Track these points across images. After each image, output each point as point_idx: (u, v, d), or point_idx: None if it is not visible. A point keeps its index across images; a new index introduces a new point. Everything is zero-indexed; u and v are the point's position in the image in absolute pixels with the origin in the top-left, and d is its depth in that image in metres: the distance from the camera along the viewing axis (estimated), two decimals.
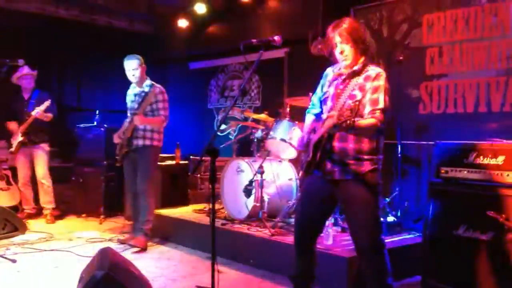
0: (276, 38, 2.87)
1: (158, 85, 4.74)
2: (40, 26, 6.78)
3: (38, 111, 5.52)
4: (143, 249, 4.56)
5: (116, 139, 4.76)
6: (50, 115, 5.68)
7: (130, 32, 7.76)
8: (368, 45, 2.85)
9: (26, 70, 5.74)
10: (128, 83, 4.83)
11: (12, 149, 5.69)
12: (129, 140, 4.64)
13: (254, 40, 2.90)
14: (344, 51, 2.71)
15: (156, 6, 7.65)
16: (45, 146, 5.81)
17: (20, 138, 5.64)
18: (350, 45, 2.70)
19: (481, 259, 3.20)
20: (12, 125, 5.73)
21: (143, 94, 4.68)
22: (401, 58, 4.56)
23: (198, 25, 7.33)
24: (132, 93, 4.83)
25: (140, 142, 4.65)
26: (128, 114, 4.82)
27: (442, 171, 3.49)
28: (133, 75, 4.67)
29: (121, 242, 4.76)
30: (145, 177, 4.64)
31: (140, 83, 4.74)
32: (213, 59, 7.56)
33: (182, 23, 7.41)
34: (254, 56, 2.85)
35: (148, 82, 4.76)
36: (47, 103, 5.54)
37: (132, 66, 4.65)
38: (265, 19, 6.47)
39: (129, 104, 4.85)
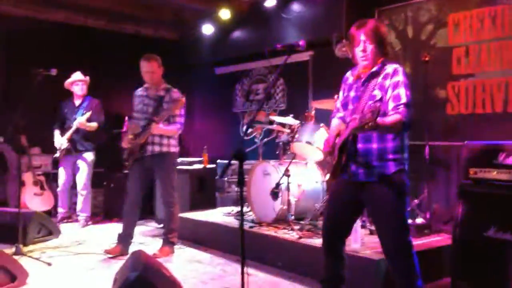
0: (300, 43, 2.88)
1: (175, 89, 4.57)
2: (69, 36, 6.97)
3: (79, 122, 5.66)
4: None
5: (125, 144, 4.57)
6: (94, 124, 5.78)
7: (156, 39, 7.90)
8: (389, 47, 2.84)
9: (77, 76, 5.89)
10: None
11: (57, 155, 5.86)
12: (142, 146, 4.47)
13: (278, 46, 2.92)
14: (366, 50, 2.73)
15: (181, 13, 7.77)
16: (89, 156, 5.91)
17: (65, 145, 5.80)
18: (373, 45, 2.72)
19: (511, 261, 3.16)
20: (56, 137, 5.85)
21: (158, 98, 4.51)
22: (427, 58, 4.53)
23: (222, 30, 7.42)
24: (145, 94, 4.61)
25: (156, 148, 4.49)
26: (136, 116, 4.62)
27: (471, 172, 3.46)
28: (152, 78, 4.50)
29: (107, 252, 4.50)
30: (170, 185, 4.57)
31: (156, 85, 4.57)
32: (238, 64, 7.64)
33: (207, 29, 7.51)
34: (279, 60, 2.88)
35: (164, 85, 4.59)
36: (87, 115, 5.66)
37: (150, 67, 4.48)
38: (289, 23, 6.50)
39: (139, 107, 4.61)
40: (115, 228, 5.85)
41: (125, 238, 4.61)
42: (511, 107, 4.28)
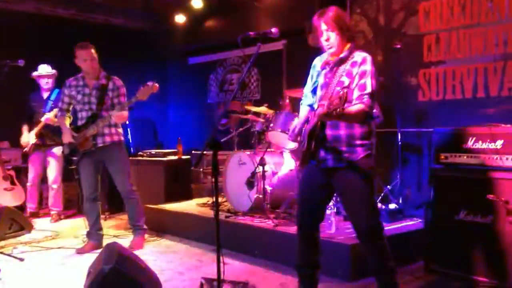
0: (273, 30, 2.87)
1: (116, 77, 4.45)
2: (37, 26, 6.80)
3: (47, 117, 5.53)
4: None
5: (68, 138, 4.36)
6: None
7: (128, 29, 7.77)
8: (353, 31, 2.87)
9: (44, 69, 5.72)
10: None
11: (26, 149, 5.72)
12: (93, 138, 4.28)
13: (251, 33, 2.90)
14: (329, 39, 2.74)
15: (153, 2, 7.66)
16: (58, 150, 5.75)
17: (33, 140, 5.66)
18: (335, 32, 2.73)
19: (482, 243, 3.25)
20: (25, 133, 5.72)
21: (100, 86, 4.35)
22: (398, 46, 4.58)
23: (195, 20, 7.34)
24: (82, 84, 4.39)
25: (107, 139, 4.33)
26: (74, 108, 4.44)
27: (442, 157, 3.53)
28: (92, 66, 4.31)
29: (80, 252, 4.38)
30: (127, 174, 4.48)
31: (95, 74, 4.37)
32: (212, 54, 7.59)
33: (179, 18, 7.42)
34: (253, 50, 2.86)
35: (103, 73, 4.42)
36: (55, 111, 5.52)
37: (90, 55, 4.30)
38: (262, 12, 6.49)
39: (78, 98, 4.37)
40: (87, 222, 5.79)
41: (95, 233, 4.51)
42: (480, 92, 4.37)
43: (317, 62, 2.96)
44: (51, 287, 3.55)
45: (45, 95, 5.81)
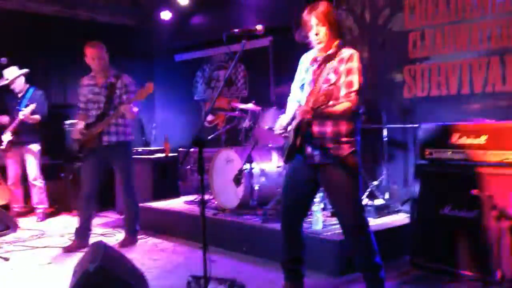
0: (258, 27, 2.88)
1: (125, 74, 4.47)
2: (22, 24, 6.70)
3: (23, 114, 5.47)
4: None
5: (76, 134, 4.39)
6: (37, 117, 5.58)
7: (113, 25, 7.69)
8: (343, 28, 2.88)
9: (12, 74, 5.62)
10: None
11: (2, 147, 5.66)
12: (99, 135, 4.32)
13: (236, 30, 2.91)
14: (319, 33, 2.75)
15: None
16: (35, 147, 5.74)
17: (9, 137, 5.60)
18: (325, 27, 2.74)
19: (466, 237, 3.28)
20: (3, 119, 5.67)
21: (109, 85, 4.38)
22: (383, 42, 4.60)
23: (181, 16, 7.30)
24: (93, 83, 4.45)
25: (113, 138, 4.36)
26: (86, 106, 4.46)
27: (427, 153, 3.56)
28: (99, 64, 4.34)
29: (67, 250, 4.35)
30: (130, 175, 4.53)
31: (104, 72, 4.42)
32: (198, 50, 7.54)
33: (166, 15, 7.37)
34: (239, 46, 2.87)
35: (113, 71, 4.46)
36: (32, 107, 5.46)
37: (97, 54, 4.33)
38: (248, 8, 6.46)
39: (89, 96, 4.43)
40: (74, 221, 5.74)
41: (83, 232, 4.48)
42: (465, 88, 4.41)
43: (305, 58, 2.97)
44: (37, 286, 3.51)
45: (19, 94, 5.74)
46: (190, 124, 7.62)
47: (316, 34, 2.75)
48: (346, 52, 2.74)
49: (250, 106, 4.96)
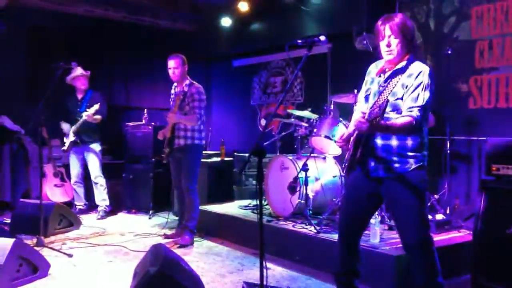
0: (321, 38, 2.84)
1: (197, 84, 4.79)
2: (89, 28, 7.03)
3: (87, 114, 5.72)
4: (187, 246, 4.66)
5: (160, 136, 4.91)
6: (99, 117, 5.83)
7: (174, 31, 7.91)
8: (416, 44, 2.79)
9: (79, 71, 5.95)
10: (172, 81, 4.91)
11: (65, 148, 5.95)
12: (170, 140, 4.75)
13: (299, 41, 2.88)
14: (391, 45, 2.68)
15: (199, 5, 7.77)
16: (96, 146, 6.01)
17: (72, 138, 5.87)
18: (398, 40, 2.66)
19: None
20: (64, 126, 5.98)
21: (182, 93, 4.75)
22: (449, 52, 4.45)
23: (241, 23, 7.38)
24: (173, 92, 4.95)
25: (181, 141, 4.73)
26: None
27: (494, 169, 3.40)
28: (174, 74, 4.75)
29: (167, 237, 4.98)
30: (189, 175, 4.74)
31: (180, 82, 4.81)
32: (256, 56, 7.61)
33: (225, 21, 7.49)
34: (298, 53, 2.85)
35: (187, 81, 4.80)
36: (96, 107, 5.71)
37: (173, 65, 4.73)
38: (307, 15, 6.45)
39: (171, 103, 4.95)
40: (133, 220, 5.95)
41: (180, 223, 5.02)
42: None
43: (373, 68, 2.91)
44: (99, 284, 3.65)
45: (79, 96, 6.00)
46: (246, 129, 7.70)
47: (388, 45, 2.69)
48: (417, 67, 2.66)
49: (306, 113, 4.95)
